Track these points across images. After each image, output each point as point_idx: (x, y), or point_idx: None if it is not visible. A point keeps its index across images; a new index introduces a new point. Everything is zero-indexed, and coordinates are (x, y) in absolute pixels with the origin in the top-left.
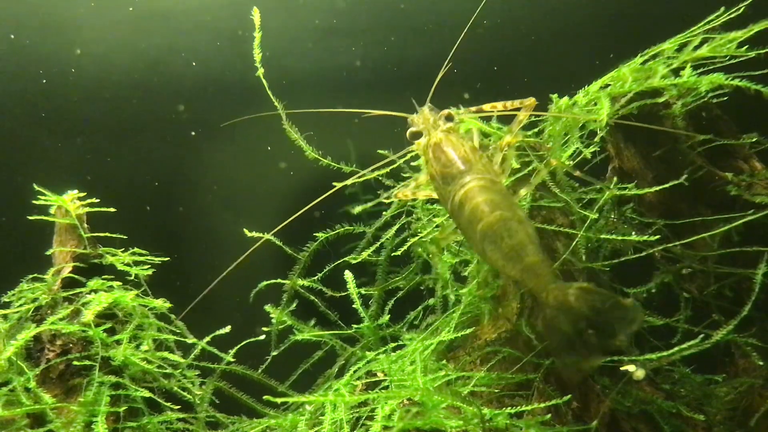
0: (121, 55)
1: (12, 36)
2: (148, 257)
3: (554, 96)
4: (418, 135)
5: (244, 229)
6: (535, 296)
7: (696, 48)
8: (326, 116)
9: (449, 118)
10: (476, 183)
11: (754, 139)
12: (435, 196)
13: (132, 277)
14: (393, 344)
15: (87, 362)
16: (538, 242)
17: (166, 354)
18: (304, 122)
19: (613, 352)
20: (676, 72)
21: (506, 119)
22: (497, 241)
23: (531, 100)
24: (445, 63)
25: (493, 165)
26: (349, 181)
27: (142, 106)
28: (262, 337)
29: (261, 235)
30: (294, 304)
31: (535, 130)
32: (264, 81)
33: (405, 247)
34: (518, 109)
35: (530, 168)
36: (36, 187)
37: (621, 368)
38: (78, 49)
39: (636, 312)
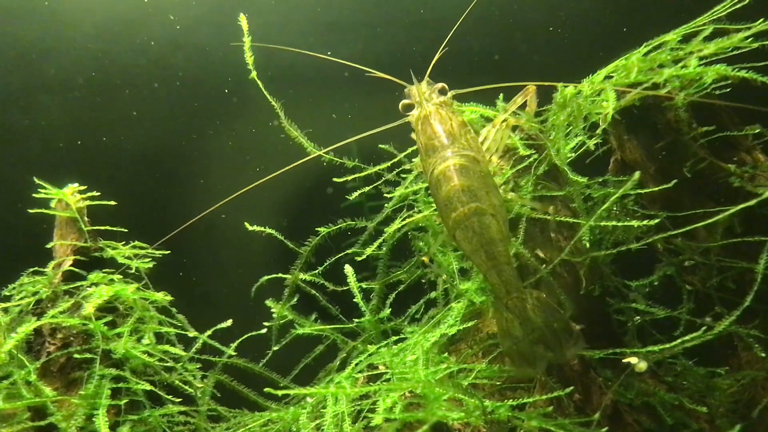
0: (121, 50)
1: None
2: (149, 251)
3: (560, 85)
4: (410, 107)
5: (245, 223)
6: (495, 295)
7: (705, 40)
8: (329, 110)
9: (443, 91)
10: (457, 160)
11: (757, 131)
12: None
13: (133, 271)
14: (394, 338)
15: (88, 355)
16: (509, 237)
17: (167, 347)
18: (306, 118)
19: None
20: (678, 63)
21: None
22: (469, 233)
23: (531, 88)
24: (442, 46)
25: (479, 141)
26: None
27: (143, 100)
28: (264, 331)
29: (261, 229)
30: (295, 299)
31: (540, 118)
32: (258, 81)
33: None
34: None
35: (531, 159)
36: (36, 181)
37: (623, 360)
38: (78, 44)
39: (579, 338)
